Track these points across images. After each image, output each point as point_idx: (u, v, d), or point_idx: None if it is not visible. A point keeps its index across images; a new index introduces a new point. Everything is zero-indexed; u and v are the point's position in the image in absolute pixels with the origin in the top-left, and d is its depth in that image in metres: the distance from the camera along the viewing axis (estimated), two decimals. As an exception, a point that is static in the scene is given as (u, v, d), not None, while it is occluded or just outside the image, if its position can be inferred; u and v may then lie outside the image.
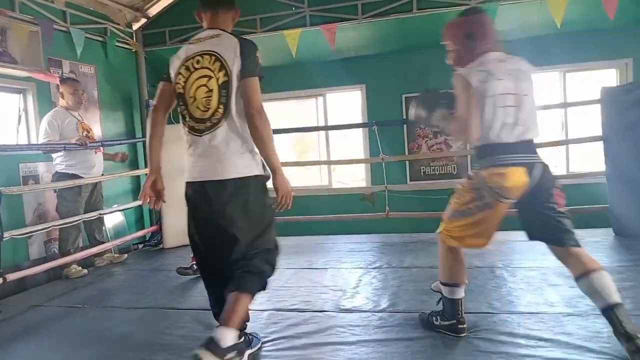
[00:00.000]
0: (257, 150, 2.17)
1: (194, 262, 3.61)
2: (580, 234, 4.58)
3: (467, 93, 2.25)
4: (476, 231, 2.35)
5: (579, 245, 2.31)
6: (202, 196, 2.17)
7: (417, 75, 5.93)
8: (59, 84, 4.47)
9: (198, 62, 2.16)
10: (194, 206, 2.27)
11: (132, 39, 5.96)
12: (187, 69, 2.18)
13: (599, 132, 4.49)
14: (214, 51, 2.14)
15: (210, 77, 2.12)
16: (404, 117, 6.02)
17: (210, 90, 2.12)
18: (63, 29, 4.89)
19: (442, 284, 2.48)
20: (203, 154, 2.15)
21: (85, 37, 5.00)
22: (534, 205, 2.31)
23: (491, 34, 2.44)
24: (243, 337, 2.34)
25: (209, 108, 2.12)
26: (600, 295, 2.12)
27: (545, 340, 2.34)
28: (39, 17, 4.57)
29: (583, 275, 2.20)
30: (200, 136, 2.15)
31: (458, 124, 2.32)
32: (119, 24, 5.69)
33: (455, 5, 5.14)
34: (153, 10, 5.96)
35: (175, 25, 5.90)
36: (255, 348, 2.46)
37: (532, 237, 2.44)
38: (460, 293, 2.44)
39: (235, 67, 2.11)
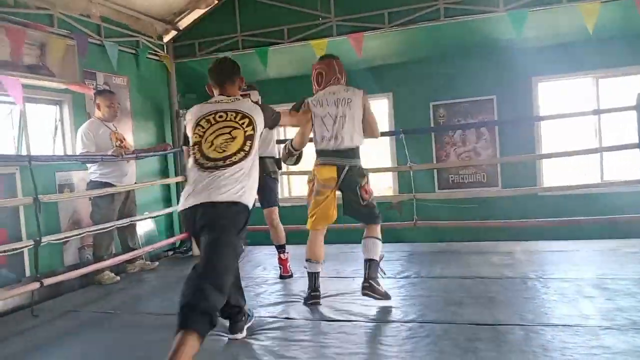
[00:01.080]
0: (255, 188, 2.60)
1: None
2: (615, 244, 4.49)
3: (304, 114, 3.39)
4: (316, 214, 3.33)
5: (374, 223, 3.38)
6: (193, 215, 2.45)
7: (444, 82, 5.89)
8: (94, 95, 4.61)
9: (221, 117, 2.60)
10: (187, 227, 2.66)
11: (163, 51, 6.11)
12: (208, 121, 2.60)
13: (634, 139, 4.35)
14: (241, 110, 2.63)
15: (235, 128, 2.56)
16: (432, 124, 5.97)
17: (233, 138, 2.53)
18: (97, 42, 5.05)
19: (306, 260, 3.40)
20: (207, 185, 2.43)
21: (119, 50, 5.15)
22: (346, 193, 3.32)
23: (333, 74, 3.49)
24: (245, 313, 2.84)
25: (225, 151, 2.50)
26: (366, 251, 3.30)
27: (581, 354, 2.27)
28: (75, 32, 4.74)
29: (364, 238, 3.36)
30: (212, 172, 2.46)
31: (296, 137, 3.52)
32: (150, 37, 5.84)
33: (483, 13, 5.10)
34: (183, 23, 6.10)
35: (205, 38, 6.03)
36: (250, 322, 2.93)
37: (345, 214, 3.41)
38: (317, 268, 3.35)
39: (259, 123, 2.64)
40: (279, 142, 4.78)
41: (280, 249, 4.20)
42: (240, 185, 2.45)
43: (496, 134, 5.80)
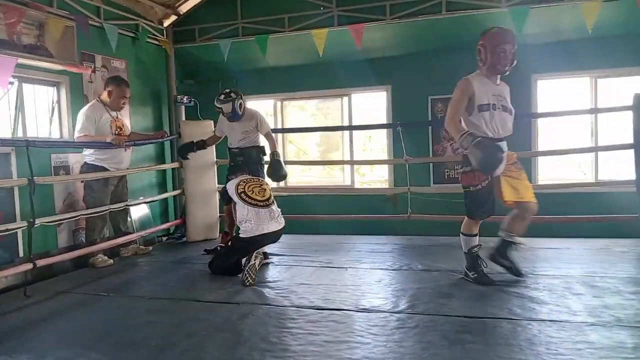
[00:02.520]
0: None
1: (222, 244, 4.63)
2: (607, 243, 4.53)
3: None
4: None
5: (465, 214, 3.47)
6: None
7: (443, 76, 5.88)
8: (107, 80, 4.57)
9: None
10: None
11: (163, 36, 6.08)
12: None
13: (630, 139, 4.38)
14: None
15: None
16: (430, 118, 5.98)
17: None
18: (97, 24, 5.02)
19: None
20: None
21: (118, 32, 5.12)
22: None
23: None
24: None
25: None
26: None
27: (566, 349, 2.30)
28: (75, 13, 4.71)
29: None
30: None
31: None
32: (150, 21, 5.81)
33: (484, 8, 5.09)
34: (184, 8, 6.06)
35: (205, 23, 6.00)
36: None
37: None
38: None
39: None
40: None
41: None
42: None
43: (493, 130, 5.80)
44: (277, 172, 4.57)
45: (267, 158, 4.75)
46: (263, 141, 4.78)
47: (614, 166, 5.47)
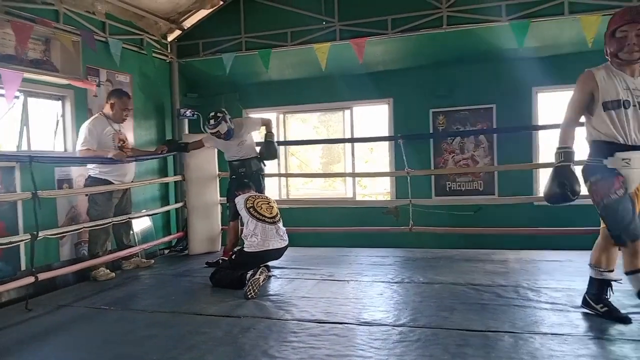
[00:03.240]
0: None
1: (224, 258, 4.60)
2: None
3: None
4: None
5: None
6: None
7: (445, 90, 5.93)
8: (109, 93, 4.59)
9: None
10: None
11: (167, 50, 6.15)
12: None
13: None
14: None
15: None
16: (431, 131, 6.00)
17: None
18: (102, 39, 5.09)
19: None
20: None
21: (122, 47, 5.19)
22: None
23: None
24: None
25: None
26: None
27: (569, 362, 2.29)
28: (81, 28, 4.77)
29: None
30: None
31: None
32: (154, 36, 5.89)
33: (485, 22, 5.14)
34: (188, 23, 6.15)
35: (209, 38, 6.07)
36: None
37: None
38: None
39: None
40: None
41: None
42: None
43: (494, 143, 5.83)
44: (269, 151, 4.78)
45: (266, 162, 4.97)
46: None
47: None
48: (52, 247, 4.37)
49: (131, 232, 4.93)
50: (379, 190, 7.91)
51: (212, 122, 4.45)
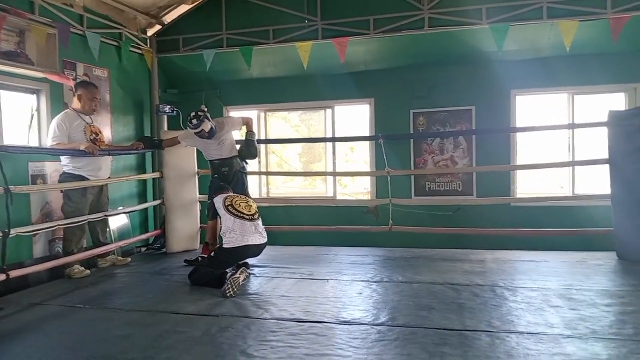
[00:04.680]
0: None
1: (203, 255, 4.56)
2: (583, 256, 4.61)
3: None
4: None
5: None
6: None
7: (425, 90, 5.98)
8: (75, 86, 4.49)
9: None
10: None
11: (146, 45, 6.05)
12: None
13: (605, 155, 4.49)
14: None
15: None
16: (412, 131, 6.05)
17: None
18: (79, 32, 4.98)
19: None
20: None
21: (100, 41, 5.08)
22: None
23: None
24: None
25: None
26: None
27: (543, 361, 2.33)
28: (57, 20, 4.66)
29: None
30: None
31: None
32: (132, 30, 5.79)
33: (465, 25, 5.20)
34: (168, 18, 6.06)
35: (189, 34, 6.00)
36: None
37: None
38: None
39: None
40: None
41: None
42: None
43: (473, 144, 5.91)
44: (249, 150, 4.83)
45: (250, 160, 5.02)
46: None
47: (590, 180, 5.61)
48: (25, 244, 4.26)
49: (107, 229, 4.84)
50: (359, 190, 7.93)
51: (194, 121, 4.38)
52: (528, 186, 6.02)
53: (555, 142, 5.83)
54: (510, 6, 5.09)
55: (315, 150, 7.54)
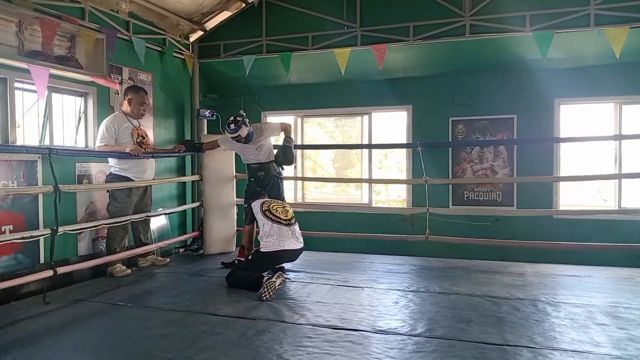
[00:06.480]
0: None
1: (240, 258, 4.67)
2: (630, 273, 4.42)
3: None
4: None
5: None
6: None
7: (465, 98, 5.88)
8: (126, 90, 4.65)
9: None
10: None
11: (189, 50, 6.20)
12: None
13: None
14: None
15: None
16: (450, 139, 5.95)
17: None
18: (126, 37, 5.15)
19: None
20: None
21: (145, 46, 5.24)
22: None
23: None
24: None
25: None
26: None
27: (590, 381, 2.24)
28: (105, 26, 4.83)
29: None
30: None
31: None
32: (176, 36, 5.93)
33: (508, 32, 5.10)
34: (210, 24, 6.19)
35: (230, 40, 6.11)
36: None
37: None
38: None
39: None
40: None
41: None
42: None
43: (514, 154, 5.76)
44: (286, 156, 4.82)
45: (286, 166, 5.02)
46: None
47: (638, 194, 5.38)
48: (70, 241, 4.41)
49: (149, 229, 4.96)
50: (392, 197, 7.87)
51: (232, 126, 4.44)
52: (571, 198, 5.82)
53: (601, 154, 5.62)
54: (555, 13, 4.95)
55: (348, 156, 7.53)
